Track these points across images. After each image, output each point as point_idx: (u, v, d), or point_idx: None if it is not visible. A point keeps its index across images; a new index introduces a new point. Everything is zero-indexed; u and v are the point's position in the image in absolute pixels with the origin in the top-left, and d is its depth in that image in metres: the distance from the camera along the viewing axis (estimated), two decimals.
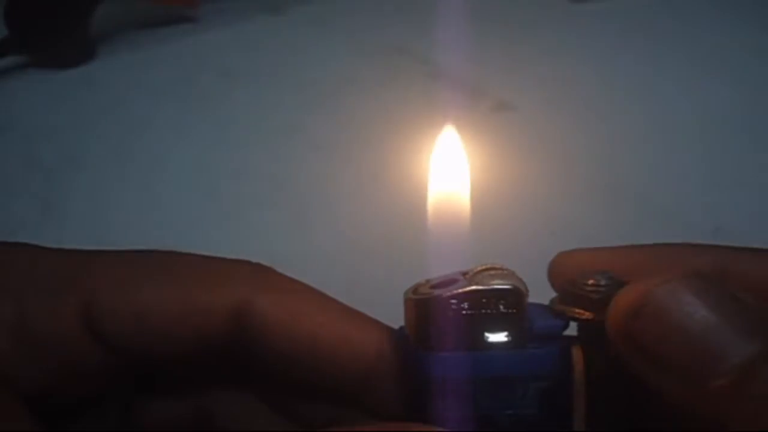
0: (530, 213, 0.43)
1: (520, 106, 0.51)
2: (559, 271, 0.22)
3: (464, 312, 0.19)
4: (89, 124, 0.52)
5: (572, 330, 0.21)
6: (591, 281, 0.19)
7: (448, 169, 0.22)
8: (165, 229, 0.43)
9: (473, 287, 0.19)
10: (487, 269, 0.20)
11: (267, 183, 0.46)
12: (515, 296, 0.20)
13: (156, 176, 0.47)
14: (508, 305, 0.19)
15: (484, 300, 0.19)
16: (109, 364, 0.21)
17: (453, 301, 0.19)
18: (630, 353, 0.18)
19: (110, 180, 0.47)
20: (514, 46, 0.58)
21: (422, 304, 0.20)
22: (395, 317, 0.21)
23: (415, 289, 0.20)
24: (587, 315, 0.20)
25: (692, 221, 0.42)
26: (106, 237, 0.42)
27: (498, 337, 0.20)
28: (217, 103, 0.53)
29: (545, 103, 0.52)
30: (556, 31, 0.61)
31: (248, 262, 0.23)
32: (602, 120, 0.51)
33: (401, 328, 0.21)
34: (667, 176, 0.46)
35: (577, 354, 0.20)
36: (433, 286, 0.20)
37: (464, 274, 0.20)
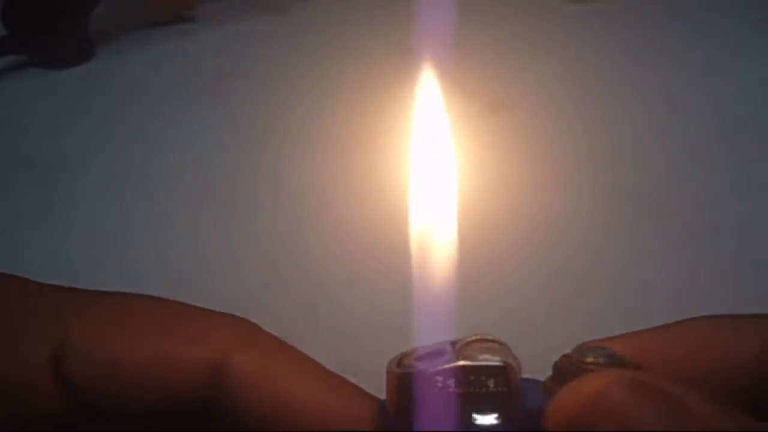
0: (529, 214, 0.42)
1: (519, 107, 0.50)
2: None
3: (450, 390, 0.18)
4: (87, 123, 0.51)
5: None
6: (590, 359, 0.18)
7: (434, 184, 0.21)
8: (164, 229, 0.42)
9: (460, 363, 0.18)
10: (477, 340, 0.18)
11: (267, 183, 0.46)
12: (506, 374, 0.18)
13: (155, 176, 0.46)
14: (498, 383, 0.18)
15: (471, 377, 0.18)
16: (77, 414, 0.20)
17: (438, 377, 0.18)
18: None
19: (109, 180, 0.46)
20: (513, 45, 0.57)
21: (405, 379, 0.18)
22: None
23: (399, 361, 0.19)
24: None
25: (691, 221, 0.42)
26: (106, 237, 0.42)
27: (486, 418, 0.18)
28: (216, 103, 0.52)
29: (544, 104, 0.51)
30: (555, 30, 0.59)
31: (232, 316, 0.22)
32: (602, 121, 0.50)
33: (384, 401, 0.20)
34: (667, 176, 0.45)
35: None
36: (418, 358, 0.18)
37: (454, 343, 0.19)
